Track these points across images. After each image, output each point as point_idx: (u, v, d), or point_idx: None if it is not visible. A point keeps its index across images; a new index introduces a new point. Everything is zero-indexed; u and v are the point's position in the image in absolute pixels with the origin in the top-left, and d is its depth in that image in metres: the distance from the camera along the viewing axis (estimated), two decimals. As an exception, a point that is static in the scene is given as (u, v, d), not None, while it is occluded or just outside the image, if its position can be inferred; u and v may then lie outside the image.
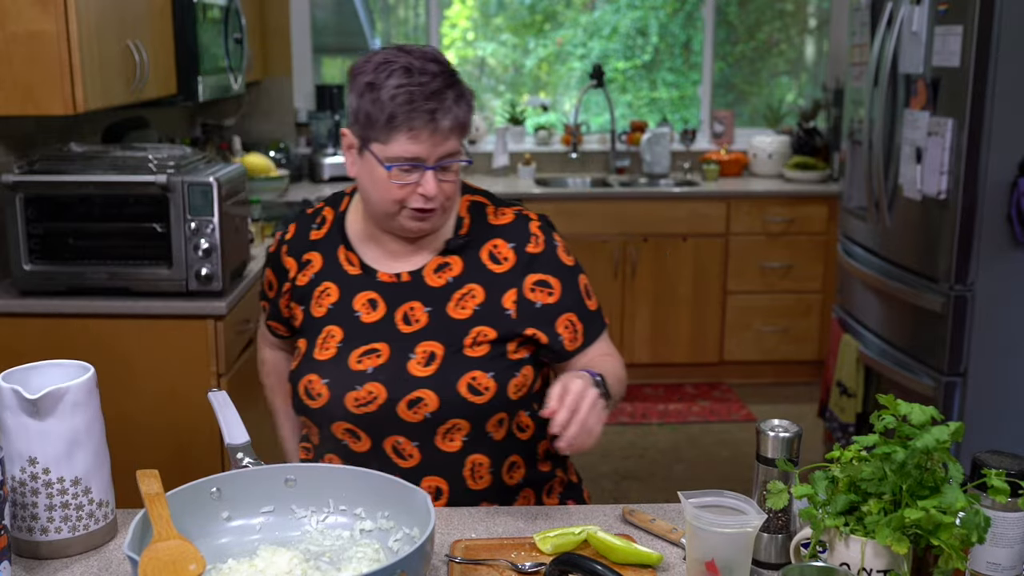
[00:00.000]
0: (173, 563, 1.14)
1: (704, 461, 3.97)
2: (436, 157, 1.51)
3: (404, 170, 1.52)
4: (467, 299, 1.60)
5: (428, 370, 1.56)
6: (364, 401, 1.56)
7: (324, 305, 1.63)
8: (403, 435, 1.57)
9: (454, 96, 1.51)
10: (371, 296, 1.62)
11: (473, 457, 1.59)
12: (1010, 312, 2.89)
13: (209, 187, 2.55)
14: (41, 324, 2.57)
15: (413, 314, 1.60)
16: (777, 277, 4.71)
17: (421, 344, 1.58)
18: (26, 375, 1.36)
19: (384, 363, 1.57)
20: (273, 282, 1.72)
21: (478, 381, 1.55)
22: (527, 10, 5.41)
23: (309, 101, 5.10)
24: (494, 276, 1.61)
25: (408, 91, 1.48)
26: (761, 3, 5.37)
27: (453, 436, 1.57)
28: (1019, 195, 2.78)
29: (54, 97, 2.42)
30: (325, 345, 1.60)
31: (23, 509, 1.33)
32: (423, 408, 1.55)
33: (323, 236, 1.68)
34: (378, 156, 1.52)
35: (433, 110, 1.48)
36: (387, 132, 1.50)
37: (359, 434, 1.58)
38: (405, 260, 1.64)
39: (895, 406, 1.18)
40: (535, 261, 1.62)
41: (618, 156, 5.13)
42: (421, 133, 1.49)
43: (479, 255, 1.62)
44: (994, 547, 1.22)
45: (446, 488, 1.59)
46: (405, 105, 1.48)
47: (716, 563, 1.21)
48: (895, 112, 3.16)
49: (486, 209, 1.67)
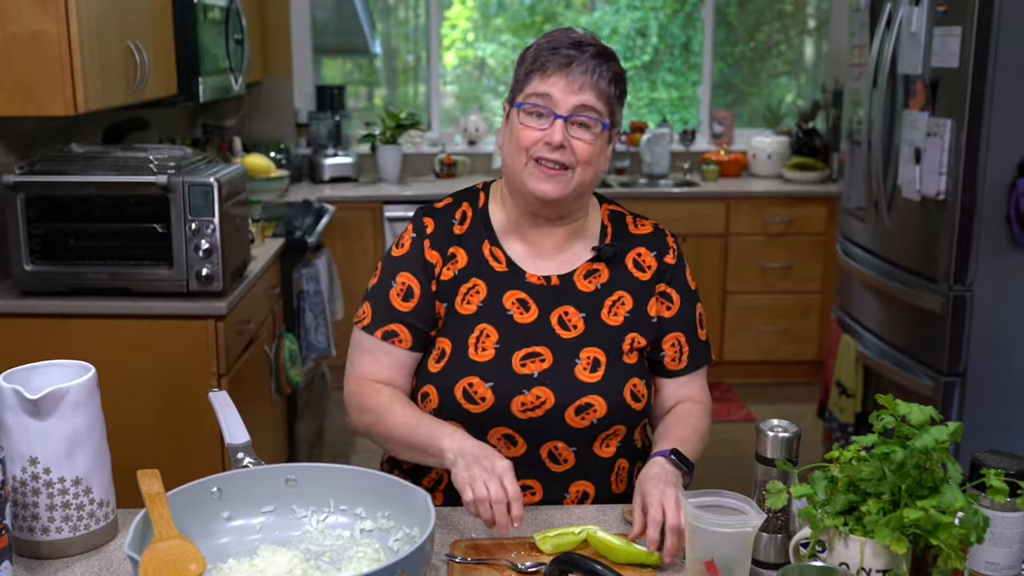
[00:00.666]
0: (174, 563, 1.14)
1: (704, 461, 3.96)
2: (569, 107, 1.52)
3: (537, 112, 1.53)
4: (618, 306, 1.61)
5: (595, 376, 1.56)
6: (532, 406, 1.54)
7: (473, 302, 1.59)
8: (563, 440, 1.57)
9: (593, 53, 1.53)
10: (521, 296, 1.60)
11: (620, 461, 1.62)
12: (1009, 312, 2.89)
13: (210, 187, 2.55)
14: (42, 324, 2.57)
15: (569, 319, 1.59)
16: (776, 277, 4.71)
17: (584, 350, 1.57)
18: (27, 375, 1.36)
19: (549, 367, 1.56)
20: (414, 285, 1.60)
21: (637, 388, 1.59)
22: (527, 11, 5.41)
23: (309, 101, 5.10)
24: (640, 284, 1.63)
25: (552, 40, 1.55)
26: (761, 4, 5.37)
27: (610, 442, 1.59)
28: (1018, 195, 2.78)
29: (55, 98, 2.42)
30: (481, 345, 1.57)
31: (24, 509, 1.34)
32: (591, 414, 1.55)
33: (466, 231, 1.63)
34: (515, 102, 1.56)
35: (571, 57, 1.52)
36: (527, 77, 1.54)
37: (517, 439, 1.57)
38: (551, 260, 1.63)
39: (894, 406, 1.18)
40: (668, 272, 1.65)
41: (618, 156, 5.13)
42: (554, 76, 1.51)
43: (625, 262, 1.64)
44: (993, 547, 1.22)
45: (593, 492, 1.60)
46: (546, 51, 1.53)
47: (716, 563, 1.21)
48: (894, 113, 3.17)
49: (625, 219, 1.69)
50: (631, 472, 1.65)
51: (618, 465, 1.62)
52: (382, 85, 5.56)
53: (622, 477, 1.64)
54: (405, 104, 5.41)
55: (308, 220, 3.67)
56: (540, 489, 1.59)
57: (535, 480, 1.58)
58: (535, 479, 1.58)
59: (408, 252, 1.62)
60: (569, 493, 1.59)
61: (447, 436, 1.46)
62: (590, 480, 1.60)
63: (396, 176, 4.83)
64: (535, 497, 1.59)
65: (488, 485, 1.35)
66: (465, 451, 1.41)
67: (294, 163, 4.76)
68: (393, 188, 4.66)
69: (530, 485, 1.58)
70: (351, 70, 5.63)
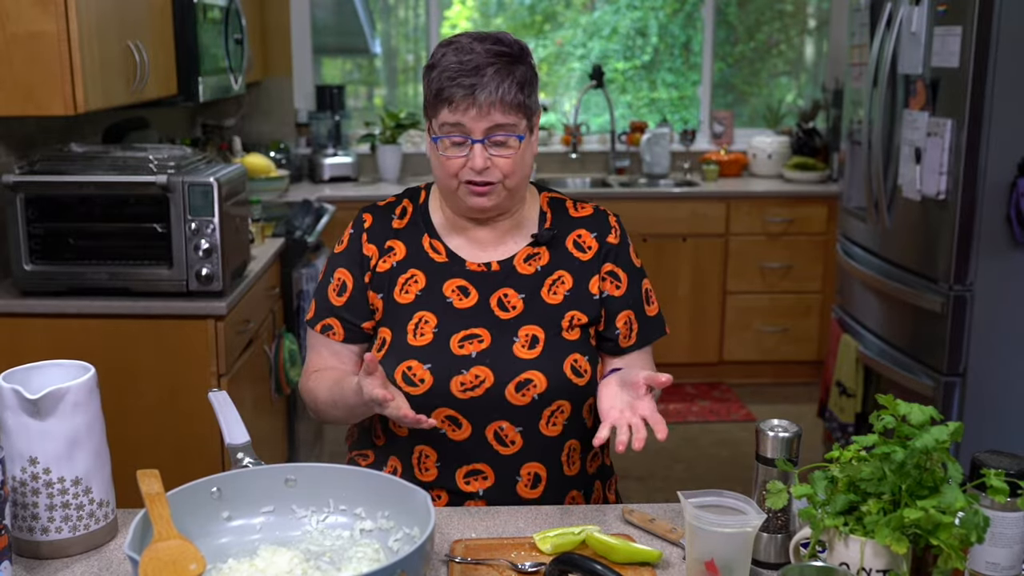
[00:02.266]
0: (173, 563, 1.14)
1: (704, 461, 3.97)
2: (482, 130, 1.54)
3: (454, 143, 1.56)
4: (558, 285, 1.64)
5: (533, 352, 1.59)
6: (471, 385, 1.57)
7: (412, 291, 1.63)
8: (507, 420, 1.58)
9: (494, 71, 1.53)
10: (460, 283, 1.63)
11: (570, 442, 1.63)
12: (1009, 312, 2.89)
13: (209, 187, 2.55)
14: (42, 324, 2.57)
15: (508, 300, 1.62)
16: (777, 277, 4.71)
17: (522, 328, 1.60)
18: (27, 375, 1.36)
19: (488, 347, 1.59)
20: (348, 279, 1.67)
21: (579, 363, 1.60)
22: (527, 10, 5.41)
23: (309, 101, 5.10)
24: (580, 263, 1.66)
25: (452, 66, 1.54)
26: (761, 3, 5.37)
27: (556, 419, 1.60)
28: (1018, 195, 2.78)
29: (54, 97, 2.42)
30: (420, 331, 1.60)
31: (24, 509, 1.34)
32: (532, 390, 1.57)
33: (405, 225, 1.69)
34: (432, 131, 1.59)
35: (472, 85, 1.52)
36: (435, 107, 1.57)
37: (460, 421, 1.58)
38: (492, 250, 1.66)
39: (894, 406, 1.18)
40: (612, 251, 1.68)
41: (618, 156, 5.13)
42: (460, 105, 1.53)
43: (565, 244, 1.67)
44: (993, 547, 1.22)
45: (544, 474, 1.61)
46: (447, 80, 1.54)
47: (716, 563, 1.21)
48: (894, 112, 3.17)
49: (565, 204, 1.72)
50: (583, 455, 1.66)
51: (568, 446, 1.63)
52: (382, 85, 5.56)
53: (574, 459, 1.64)
54: (405, 104, 5.41)
55: (308, 220, 3.67)
56: (491, 473, 1.60)
57: (484, 464, 1.60)
58: (484, 463, 1.59)
59: (346, 248, 1.69)
60: (520, 476, 1.60)
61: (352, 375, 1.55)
62: (540, 461, 1.61)
63: (396, 176, 4.83)
64: (487, 482, 1.60)
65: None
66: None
67: (294, 163, 4.76)
68: (393, 188, 4.65)
69: (481, 470, 1.59)
70: (351, 70, 5.63)
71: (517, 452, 1.59)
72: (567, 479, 1.63)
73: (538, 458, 1.61)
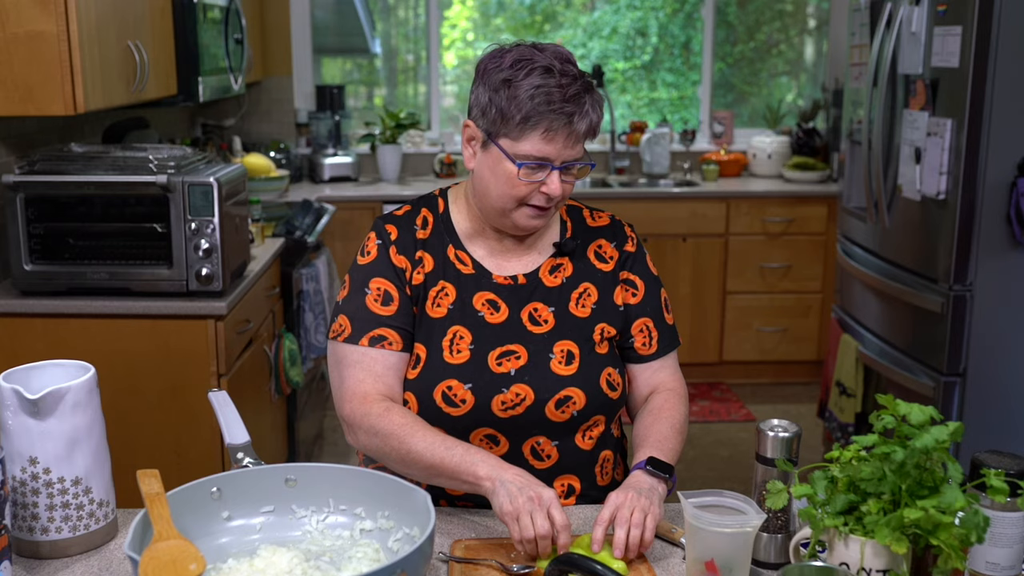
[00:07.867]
0: (173, 563, 1.14)
1: (704, 461, 3.97)
2: (563, 158, 1.51)
3: (531, 168, 1.50)
4: (584, 298, 1.63)
5: (571, 369, 1.57)
6: (511, 404, 1.55)
7: (443, 305, 1.59)
8: (545, 435, 1.57)
9: (591, 101, 1.50)
10: (490, 296, 1.60)
11: (603, 453, 1.63)
12: (1009, 312, 2.89)
13: (209, 187, 2.55)
14: (41, 324, 2.57)
15: (539, 315, 1.60)
16: (776, 277, 4.71)
17: (557, 344, 1.59)
18: (27, 375, 1.36)
19: (525, 364, 1.57)
20: (390, 289, 1.58)
21: (612, 377, 1.60)
22: (527, 11, 5.41)
23: (309, 101, 5.10)
24: (603, 274, 1.65)
25: (547, 92, 1.47)
26: (761, 3, 5.37)
27: (592, 433, 1.60)
28: (1018, 195, 2.78)
29: (54, 97, 2.42)
30: (456, 347, 1.57)
31: (24, 509, 1.34)
32: (571, 407, 1.56)
33: (429, 236, 1.63)
34: (507, 152, 1.50)
35: (571, 113, 1.47)
36: (521, 130, 1.48)
37: (499, 439, 1.57)
38: (516, 260, 1.64)
39: (894, 406, 1.18)
40: (629, 259, 1.68)
41: (618, 156, 5.13)
42: (557, 135, 1.48)
43: (587, 255, 1.66)
44: (993, 547, 1.22)
45: (579, 486, 1.61)
46: (544, 106, 1.46)
47: (716, 563, 1.21)
48: (894, 112, 3.17)
49: (583, 212, 1.71)
50: (615, 465, 1.67)
51: (602, 457, 1.63)
52: (382, 85, 5.56)
53: (607, 469, 1.64)
54: (405, 104, 5.41)
55: (308, 220, 3.67)
56: None
57: None
58: None
59: (376, 259, 1.60)
60: (554, 488, 1.59)
61: (482, 462, 1.41)
62: (575, 473, 1.61)
63: (396, 176, 4.83)
64: None
65: (535, 519, 1.31)
66: (505, 480, 1.37)
67: (294, 163, 4.76)
68: (393, 188, 4.66)
69: None
70: (351, 70, 5.63)
71: (552, 466, 1.59)
72: (600, 489, 1.63)
73: (572, 470, 1.60)
